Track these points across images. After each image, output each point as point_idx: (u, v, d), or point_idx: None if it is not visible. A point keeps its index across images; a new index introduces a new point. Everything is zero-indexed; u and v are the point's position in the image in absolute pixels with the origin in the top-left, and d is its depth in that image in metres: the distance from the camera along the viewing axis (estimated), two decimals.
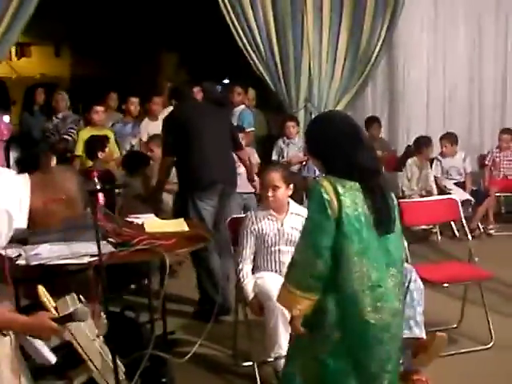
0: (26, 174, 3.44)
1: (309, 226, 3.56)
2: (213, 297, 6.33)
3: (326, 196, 3.46)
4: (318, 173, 8.60)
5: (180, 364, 4.92)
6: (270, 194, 5.19)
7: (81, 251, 4.65)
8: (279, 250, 5.27)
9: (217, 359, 5.66)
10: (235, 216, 5.87)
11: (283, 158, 9.24)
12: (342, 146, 3.56)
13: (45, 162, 6.23)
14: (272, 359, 5.00)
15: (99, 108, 8.96)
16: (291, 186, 5.24)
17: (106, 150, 7.46)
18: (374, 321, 3.56)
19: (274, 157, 9.27)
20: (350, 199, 3.49)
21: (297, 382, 3.77)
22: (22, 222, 3.36)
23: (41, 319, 3.48)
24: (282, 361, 4.91)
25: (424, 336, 5.03)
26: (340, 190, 3.48)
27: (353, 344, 3.59)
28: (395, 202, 3.73)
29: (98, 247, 4.01)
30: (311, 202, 3.55)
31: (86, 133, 8.63)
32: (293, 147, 9.24)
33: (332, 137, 3.60)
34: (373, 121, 10.30)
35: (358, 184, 3.53)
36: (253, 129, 9.33)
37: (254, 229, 5.28)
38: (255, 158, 8.80)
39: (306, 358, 3.73)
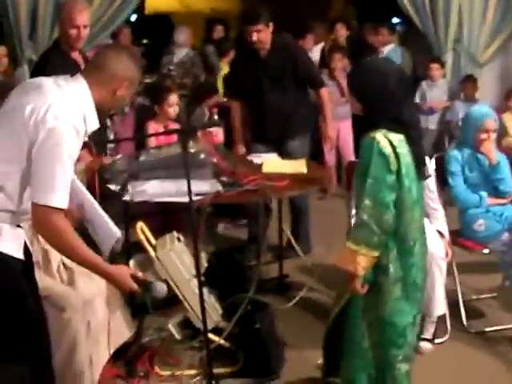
0: (79, 76, 3.32)
1: (372, 183, 3.48)
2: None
3: (384, 150, 3.48)
4: (461, 116, 8.22)
5: (287, 309, 4.84)
6: None
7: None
8: None
9: (327, 306, 5.50)
10: (351, 160, 5.68)
11: (425, 101, 8.83)
12: (393, 101, 3.55)
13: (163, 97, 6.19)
14: None
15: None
16: None
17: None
18: (424, 267, 3.76)
19: (417, 99, 8.89)
20: (404, 151, 3.53)
21: (363, 346, 3.74)
22: (92, 124, 3.28)
23: (123, 274, 3.39)
24: None
25: None
26: (395, 142, 3.50)
27: (414, 296, 3.67)
28: None
29: (189, 187, 3.91)
30: (371, 159, 3.49)
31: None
32: (436, 90, 8.80)
33: (386, 90, 3.55)
34: None
35: (402, 136, 3.55)
36: None
37: None
38: None
39: (369, 319, 3.70)
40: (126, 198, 4.61)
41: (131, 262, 4.40)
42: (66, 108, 3.13)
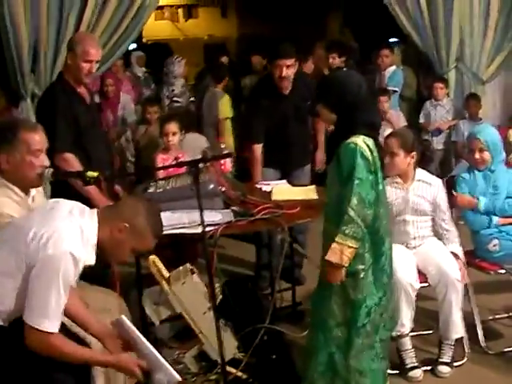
0: (94, 211, 3.43)
1: (358, 183, 3.86)
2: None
3: (366, 154, 3.91)
4: (466, 135, 8.21)
5: (303, 337, 4.79)
6: (386, 160, 4.87)
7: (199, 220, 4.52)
8: (404, 220, 5.04)
9: None
10: None
11: (430, 121, 8.83)
12: (365, 107, 4.03)
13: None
14: (394, 336, 4.75)
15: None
16: (413, 153, 4.93)
17: None
18: (390, 255, 4.19)
19: (421, 119, 8.88)
20: (376, 154, 3.99)
21: (330, 324, 4.11)
22: (90, 259, 3.34)
23: (130, 361, 3.45)
24: (406, 339, 4.75)
25: None
26: (371, 147, 3.96)
27: (383, 282, 4.12)
28: None
29: (201, 217, 3.88)
30: (355, 162, 3.88)
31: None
32: (440, 110, 8.78)
33: (360, 99, 4.00)
34: None
35: (371, 139, 4.01)
36: (396, 89, 8.97)
37: None
38: (401, 121, 8.46)
39: (337, 301, 4.09)
40: None
41: (144, 296, 4.38)
42: (68, 237, 3.22)
